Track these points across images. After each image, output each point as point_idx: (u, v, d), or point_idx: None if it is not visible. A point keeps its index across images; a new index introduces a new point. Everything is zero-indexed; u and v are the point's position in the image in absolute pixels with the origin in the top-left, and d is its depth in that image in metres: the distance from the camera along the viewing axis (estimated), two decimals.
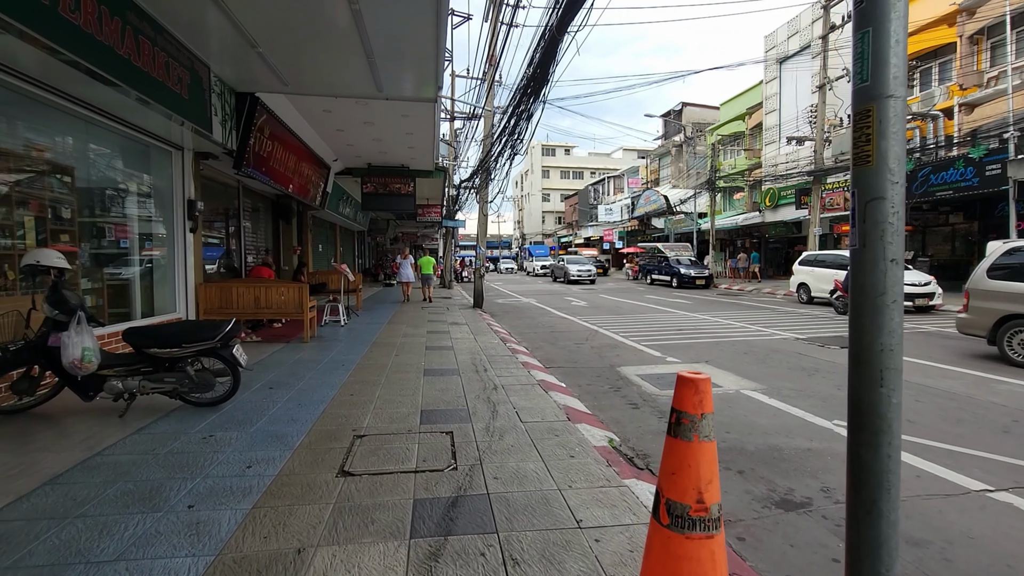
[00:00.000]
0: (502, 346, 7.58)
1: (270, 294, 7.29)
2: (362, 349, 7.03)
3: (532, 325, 10.94)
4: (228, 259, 9.47)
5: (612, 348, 8.13)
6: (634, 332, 9.68)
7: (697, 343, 8.50)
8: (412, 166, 12.78)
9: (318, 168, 11.12)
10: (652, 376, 6.14)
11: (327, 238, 16.35)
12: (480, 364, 6.17)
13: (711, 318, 11.74)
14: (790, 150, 22.13)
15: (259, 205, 10.96)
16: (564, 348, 8.14)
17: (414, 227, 28.95)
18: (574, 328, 10.43)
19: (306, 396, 4.59)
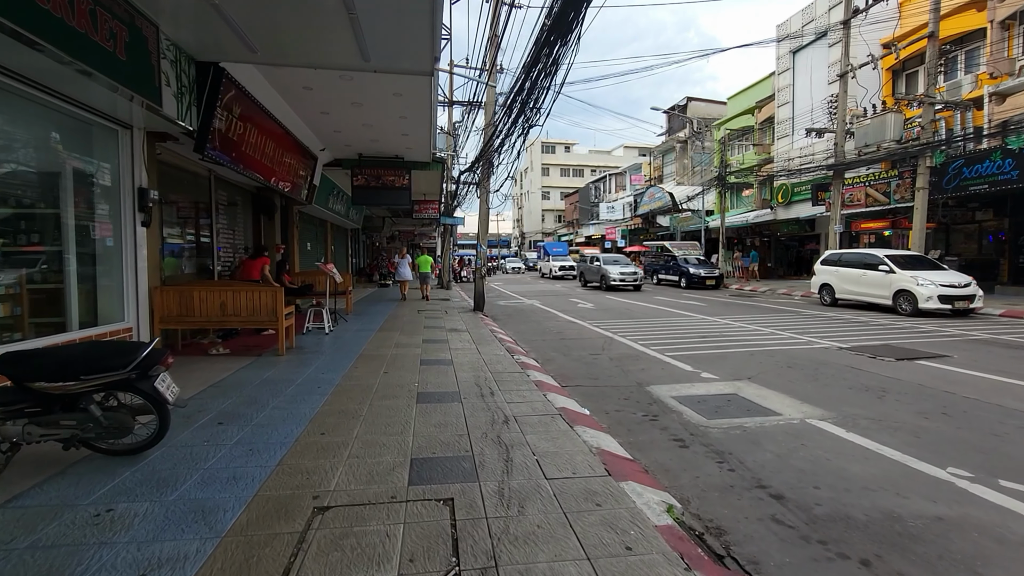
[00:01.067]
0: (509, 358, 6.55)
1: (239, 299, 6.24)
2: (345, 364, 5.98)
3: (539, 331, 9.91)
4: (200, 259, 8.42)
5: (633, 360, 7.11)
6: (653, 340, 8.66)
7: (728, 354, 7.48)
8: (407, 157, 11.73)
9: (303, 158, 10.06)
10: (691, 399, 5.12)
11: (316, 236, 15.31)
12: (485, 384, 5.14)
13: (733, 322, 10.73)
14: (805, 144, 21.15)
15: (236, 198, 9.90)
16: (579, 360, 7.12)
17: (411, 225, 27.88)
18: (586, 334, 9.40)
19: (262, 436, 3.56)
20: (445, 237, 23.35)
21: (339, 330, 8.71)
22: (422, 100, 7.80)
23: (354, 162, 11.66)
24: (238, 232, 10.02)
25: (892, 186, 16.43)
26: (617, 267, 20.15)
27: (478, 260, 12.43)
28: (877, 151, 15.19)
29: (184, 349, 6.68)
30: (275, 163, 8.74)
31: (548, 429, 3.80)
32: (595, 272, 21.12)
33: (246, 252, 10.20)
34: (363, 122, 8.95)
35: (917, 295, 11.53)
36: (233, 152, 6.98)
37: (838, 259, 14.21)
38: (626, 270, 19.86)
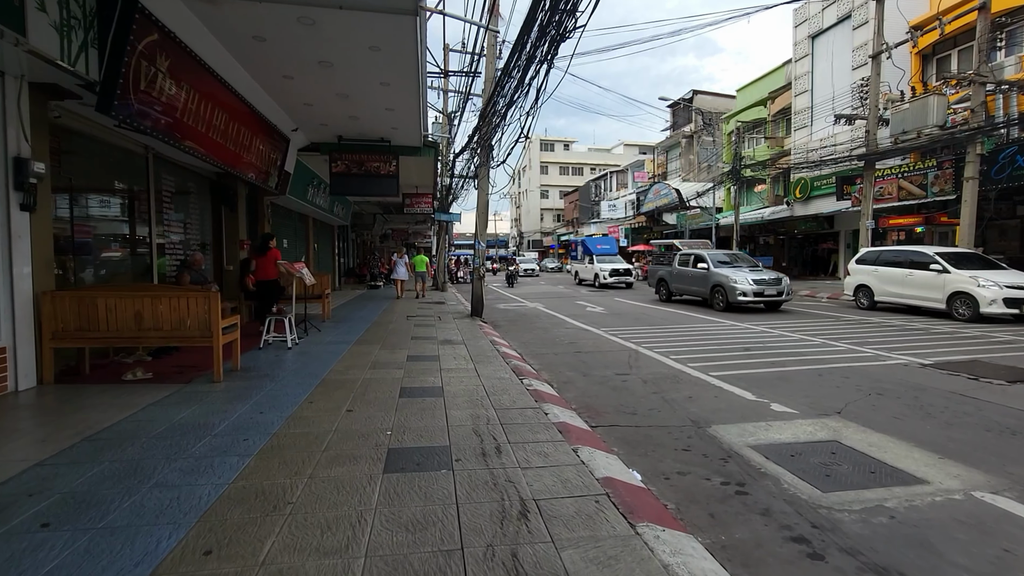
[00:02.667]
0: (516, 383, 5.03)
1: (159, 308, 4.71)
2: (299, 396, 4.45)
3: (548, 341, 8.40)
4: (134, 257, 6.88)
5: (672, 382, 5.61)
6: (687, 353, 7.17)
7: (788, 373, 5.99)
8: (395, 140, 10.22)
9: (269, 139, 8.53)
10: (778, 450, 3.62)
11: (296, 232, 13.77)
12: (488, 431, 3.62)
13: (770, 329, 9.25)
14: (825, 135, 19.73)
15: (189, 185, 8.35)
16: (604, 382, 5.61)
17: (404, 222, 26.35)
18: (604, 346, 7.90)
19: (96, 561, 2.03)
20: (440, 235, 21.82)
21: (308, 342, 7.17)
22: (407, 59, 6.29)
23: (333, 146, 10.13)
24: (192, 225, 8.47)
25: (929, 178, 15.00)
26: (743, 273, 12.01)
27: (476, 259, 10.91)
28: (917, 138, 13.75)
29: (93, 372, 5.13)
30: (231, 141, 7.21)
31: (596, 531, 2.29)
32: (707, 279, 12.70)
33: (202, 249, 8.66)
34: (336, 91, 7.43)
35: (978, 298, 10.08)
36: (164, 120, 5.45)
37: (877, 257, 12.75)
38: (760, 277, 11.90)
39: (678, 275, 14.33)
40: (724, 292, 12.05)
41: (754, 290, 11.72)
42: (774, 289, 11.98)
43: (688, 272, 13.81)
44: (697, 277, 13.33)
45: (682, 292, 14.33)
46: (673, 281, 14.58)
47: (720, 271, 12.48)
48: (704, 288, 12.97)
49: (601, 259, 22.18)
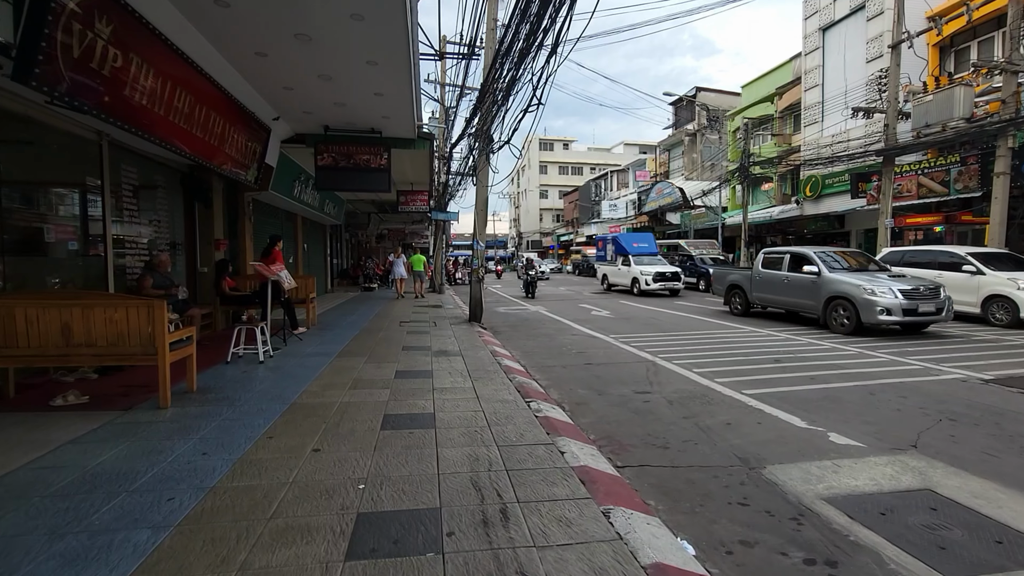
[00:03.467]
0: (523, 408, 4.23)
1: (91, 319, 3.89)
2: (258, 427, 3.65)
3: (554, 350, 7.60)
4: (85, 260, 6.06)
5: (703, 403, 4.82)
6: (710, 365, 6.37)
7: (833, 391, 5.21)
8: (387, 132, 9.41)
9: (245, 127, 7.72)
10: (865, 503, 2.83)
11: (283, 232, 12.91)
12: (491, 483, 2.82)
13: (795, 336, 8.47)
14: (837, 131, 18.98)
15: (156, 178, 7.53)
16: (624, 403, 4.81)
17: (400, 222, 25.54)
18: (617, 356, 7.11)
19: None
20: (437, 235, 21.01)
21: (284, 355, 6.36)
22: (395, 31, 5.49)
23: (319, 137, 9.32)
24: (162, 223, 7.65)
25: (952, 174, 14.24)
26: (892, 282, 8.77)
27: (475, 260, 10.09)
28: (942, 132, 12.99)
29: (20, 395, 4.31)
30: (199, 128, 6.39)
31: None
32: (802, 289, 9.74)
33: (172, 249, 7.84)
34: (318, 71, 6.62)
35: (1018, 302, 9.32)
36: (108, 98, 4.64)
37: (901, 258, 11.99)
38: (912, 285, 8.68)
39: (764, 282, 10.82)
40: (853, 308, 8.61)
41: (904, 306, 8.20)
42: (931, 305, 8.44)
43: (782, 278, 10.28)
44: (800, 285, 9.81)
45: (771, 303, 10.86)
46: (756, 289, 11.05)
47: (841, 277, 9.12)
48: (812, 300, 9.49)
49: (639, 260, 18.25)
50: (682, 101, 34.72)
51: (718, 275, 13.03)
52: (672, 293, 17.49)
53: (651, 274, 17.18)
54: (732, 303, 12.01)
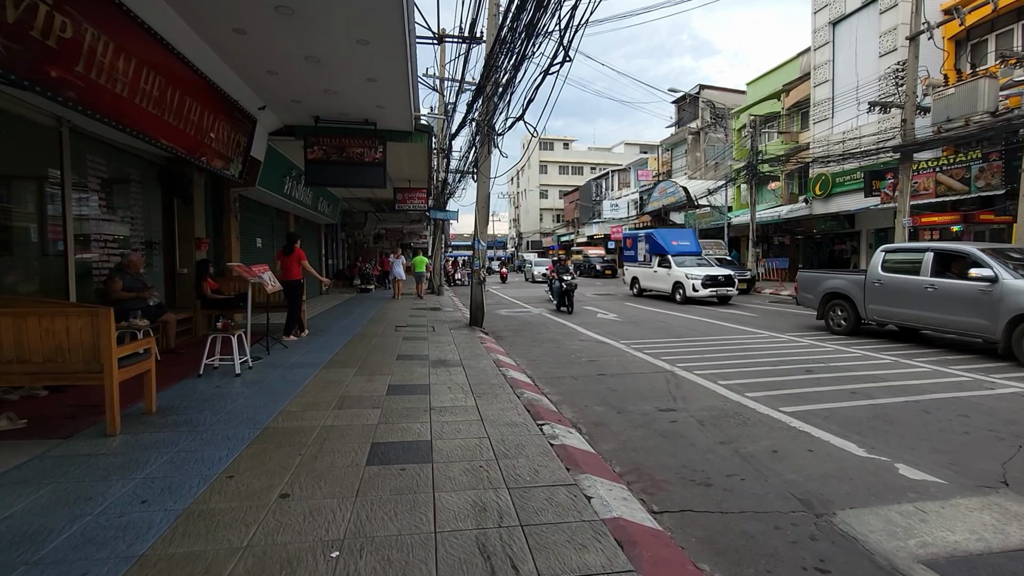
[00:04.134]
0: (535, 434, 3.62)
1: (24, 331, 3.27)
2: (219, 461, 3.04)
3: (562, 359, 6.99)
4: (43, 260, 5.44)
5: (739, 423, 4.22)
6: (736, 376, 5.77)
7: (883, 409, 4.61)
8: (382, 123, 8.80)
9: (227, 117, 7.11)
10: (976, 568, 2.22)
11: (274, 230, 12.31)
12: (502, 546, 2.21)
13: (820, 343, 7.87)
14: (849, 127, 18.41)
15: (129, 171, 6.92)
16: (648, 424, 4.20)
17: (398, 221, 24.90)
18: (632, 365, 6.49)
19: None
20: (436, 235, 20.40)
21: (266, 365, 5.74)
22: (388, 4, 4.88)
23: (309, 129, 8.70)
24: (137, 220, 7.04)
25: (973, 171, 13.67)
26: None
27: (476, 260, 9.47)
28: (966, 126, 12.41)
29: None
30: (172, 115, 5.78)
31: None
32: (960, 303, 7.02)
33: (148, 249, 7.23)
34: (304, 52, 6.00)
35: None
36: (56, 71, 4.03)
37: None
38: None
39: (889, 291, 8.00)
40: None
41: None
42: None
43: (922, 286, 7.48)
44: (956, 297, 7.02)
45: (900, 320, 7.95)
46: (875, 300, 8.22)
47: None
48: (982, 319, 6.68)
49: (682, 261, 15.26)
50: (685, 99, 34.13)
51: (807, 281, 9.88)
52: (721, 301, 14.47)
53: (699, 278, 14.07)
54: (831, 318, 9.05)
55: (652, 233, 17.65)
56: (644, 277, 16.91)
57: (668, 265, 15.52)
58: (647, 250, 17.43)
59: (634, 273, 17.70)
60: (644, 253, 17.64)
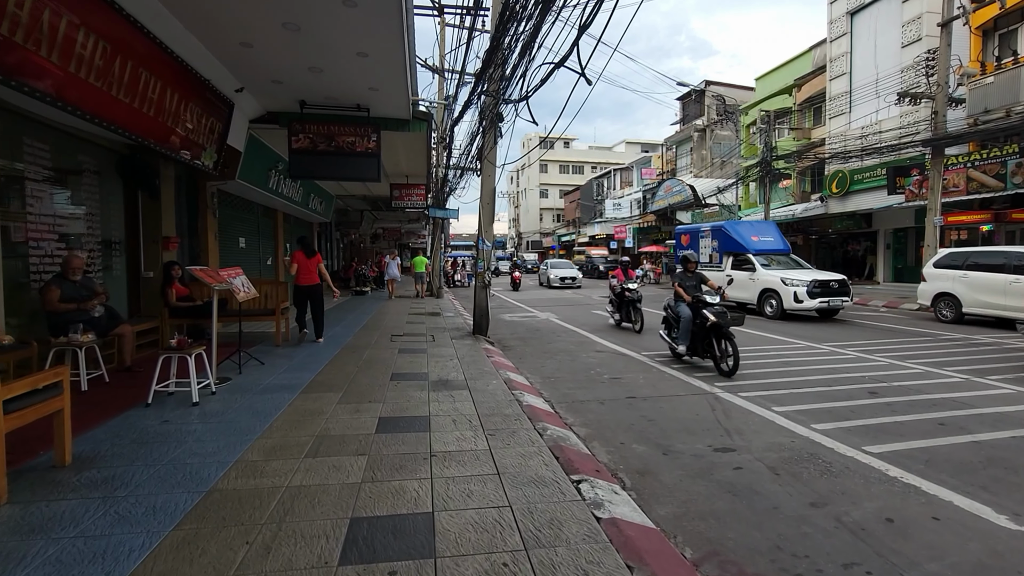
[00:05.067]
0: (574, 502, 2.71)
1: None
2: (128, 558, 2.11)
3: (580, 375, 6.07)
4: None
5: (821, 471, 3.33)
6: (790, 399, 4.87)
7: (988, 446, 3.72)
8: (376, 109, 7.88)
9: (196, 97, 6.18)
10: None
11: (259, 229, 11.37)
12: None
13: (866, 355, 6.98)
14: (868, 122, 17.56)
15: (81, 159, 5.98)
16: (707, 474, 3.29)
17: (396, 221, 23.97)
18: (662, 384, 5.58)
19: None
20: (435, 234, 19.48)
21: (233, 388, 4.82)
22: None
23: (295, 116, 7.78)
24: (94, 217, 6.11)
25: (1009, 166, 12.81)
26: None
27: (481, 262, 8.55)
28: (1007, 117, 11.55)
29: None
30: (123, 90, 4.86)
31: None
32: None
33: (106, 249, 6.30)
34: (280, 18, 5.08)
35: None
36: None
37: (964, 261, 10.53)
38: None
39: None
40: None
41: None
42: None
43: None
44: None
45: None
46: None
47: None
48: None
49: (764, 260, 11.92)
50: (691, 95, 33.32)
51: None
52: (823, 316, 10.95)
53: (804, 283, 10.39)
54: None
55: (723, 227, 13.83)
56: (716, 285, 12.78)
57: (750, 267, 12.04)
58: (714, 248, 13.76)
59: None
60: (710, 252, 13.92)
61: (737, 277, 12.40)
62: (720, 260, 13.48)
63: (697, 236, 14.93)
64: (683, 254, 6.99)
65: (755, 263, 12.02)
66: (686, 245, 15.42)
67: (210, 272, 5.02)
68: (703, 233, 14.71)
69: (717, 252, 13.64)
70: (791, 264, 12.20)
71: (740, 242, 12.94)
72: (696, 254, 12.67)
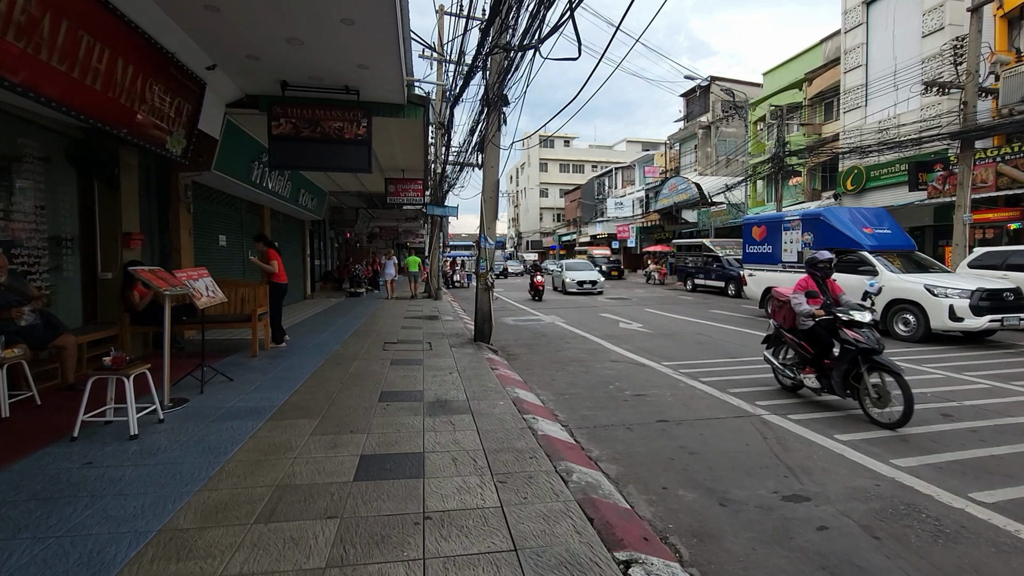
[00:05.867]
0: None
1: None
2: None
3: (598, 390, 5.27)
4: None
5: (932, 532, 2.54)
6: (854, 426, 4.07)
7: None
8: (366, 91, 7.08)
9: (156, 71, 5.38)
10: None
11: (243, 227, 10.53)
12: None
13: (927, 369, 6.19)
14: (885, 116, 16.80)
15: (23, 143, 5.17)
16: (786, 537, 2.49)
17: (393, 219, 23.18)
18: (695, 402, 4.78)
19: None
20: (433, 232, 18.68)
21: (188, 413, 4.02)
22: None
23: (275, 99, 6.98)
24: (38, 211, 5.30)
25: None
26: None
27: (483, 262, 7.74)
28: None
29: None
30: (60, 58, 4.06)
31: None
32: None
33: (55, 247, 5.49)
34: None
35: None
36: None
37: (1003, 260, 9.79)
38: None
39: None
40: None
41: None
42: None
43: None
44: None
45: None
46: None
47: None
48: None
49: (886, 260, 9.14)
50: (695, 92, 32.59)
51: None
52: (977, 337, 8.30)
53: (965, 294, 7.66)
54: None
55: (822, 215, 10.48)
56: None
57: (867, 269, 9.06)
58: (806, 243, 10.51)
59: (776, 281, 10.36)
60: (800, 248, 10.69)
61: (845, 282, 7.70)
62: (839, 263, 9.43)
63: (779, 228, 11.71)
64: (812, 256, 4.93)
65: (876, 264, 9.00)
66: (760, 240, 12.22)
67: (160, 273, 4.22)
68: (789, 223, 11.39)
69: (811, 248, 10.19)
70: (919, 265, 9.35)
71: (849, 235, 9.84)
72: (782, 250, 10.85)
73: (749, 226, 12.98)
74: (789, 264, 11.03)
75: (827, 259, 4.85)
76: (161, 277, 4.14)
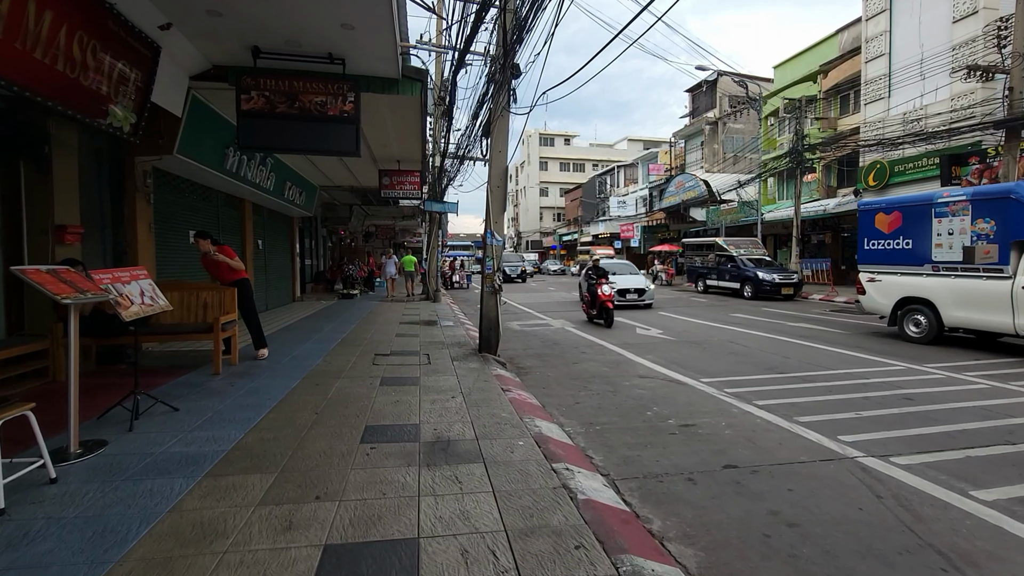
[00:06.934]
0: None
1: None
2: None
3: (634, 418, 4.24)
4: None
5: None
6: (975, 469, 3.06)
7: None
8: (352, 60, 6.03)
9: (91, 25, 4.34)
10: None
11: (219, 222, 9.44)
12: None
13: (999, 384, 5.19)
14: (911, 107, 15.84)
15: None
16: None
17: (389, 217, 22.12)
18: (763, 439, 3.76)
19: None
20: (432, 230, 17.64)
21: (105, 462, 2.98)
22: None
23: (246, 69, 5.93)
24: None
25: None
26: None
27: (489, 262, 6.69)
28: None
29: None
30: None
31: None
32: None
33: None
34: None
35: None
36: None
37: None
38: None
39: None
40: None
41: None
42: None
43: None
44: None
45: None
46: None
47: None
48: None
49: None
50: (701, 87, 31.66)
51: None
52: None
53: None
54: None
55: (1013, 191, 7.11)
56: (976, 302, 7.26)
57: None
58: (982, 235, 7.37)
59: (922, 289, 8.04)
60: (969, 240, 7.51)
61: None
62: (1004, 257, 7.00)
63: (926, 214, 8.10)
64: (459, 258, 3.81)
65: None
66: (891, 232, 8.69)
67: (67, 274, 3.18)
68: (946, 207, 7.86)
69: (994, 242, 7.18)
70: None
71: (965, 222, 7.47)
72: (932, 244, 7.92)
73: (870, 213, 9.12)
74: (947, 264, 7.83)
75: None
76: (66, 280, 3.09)
